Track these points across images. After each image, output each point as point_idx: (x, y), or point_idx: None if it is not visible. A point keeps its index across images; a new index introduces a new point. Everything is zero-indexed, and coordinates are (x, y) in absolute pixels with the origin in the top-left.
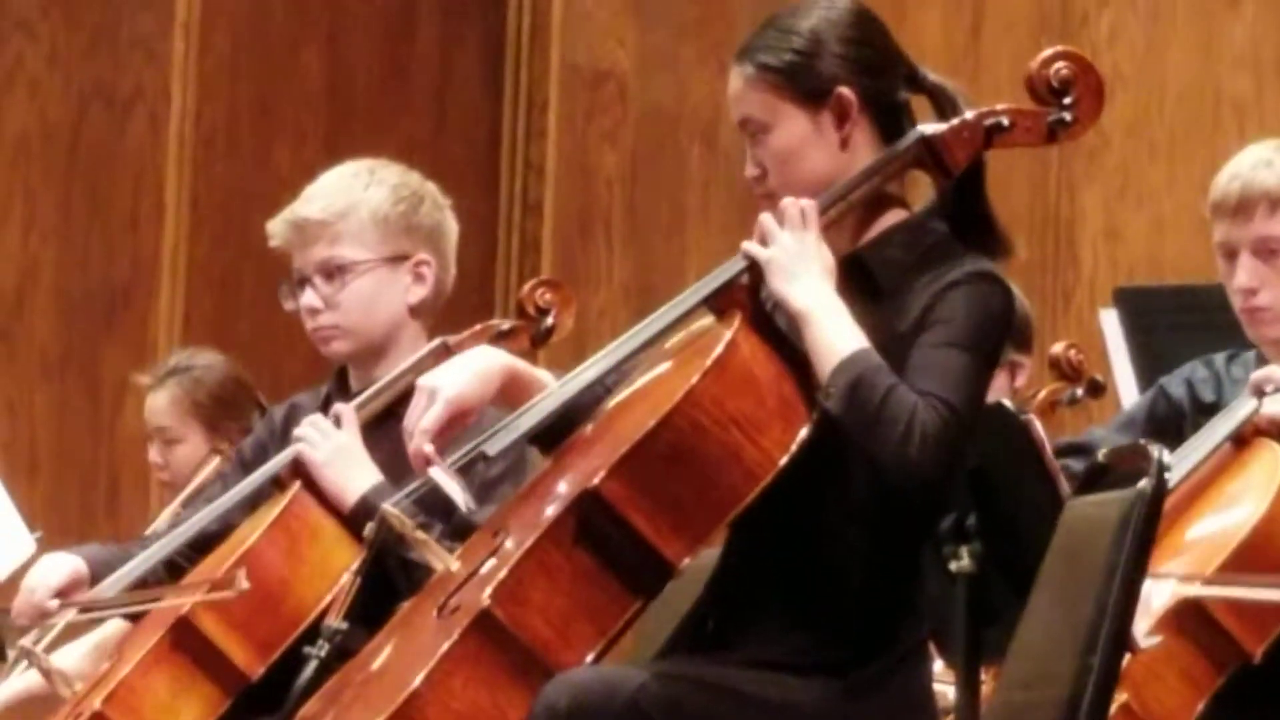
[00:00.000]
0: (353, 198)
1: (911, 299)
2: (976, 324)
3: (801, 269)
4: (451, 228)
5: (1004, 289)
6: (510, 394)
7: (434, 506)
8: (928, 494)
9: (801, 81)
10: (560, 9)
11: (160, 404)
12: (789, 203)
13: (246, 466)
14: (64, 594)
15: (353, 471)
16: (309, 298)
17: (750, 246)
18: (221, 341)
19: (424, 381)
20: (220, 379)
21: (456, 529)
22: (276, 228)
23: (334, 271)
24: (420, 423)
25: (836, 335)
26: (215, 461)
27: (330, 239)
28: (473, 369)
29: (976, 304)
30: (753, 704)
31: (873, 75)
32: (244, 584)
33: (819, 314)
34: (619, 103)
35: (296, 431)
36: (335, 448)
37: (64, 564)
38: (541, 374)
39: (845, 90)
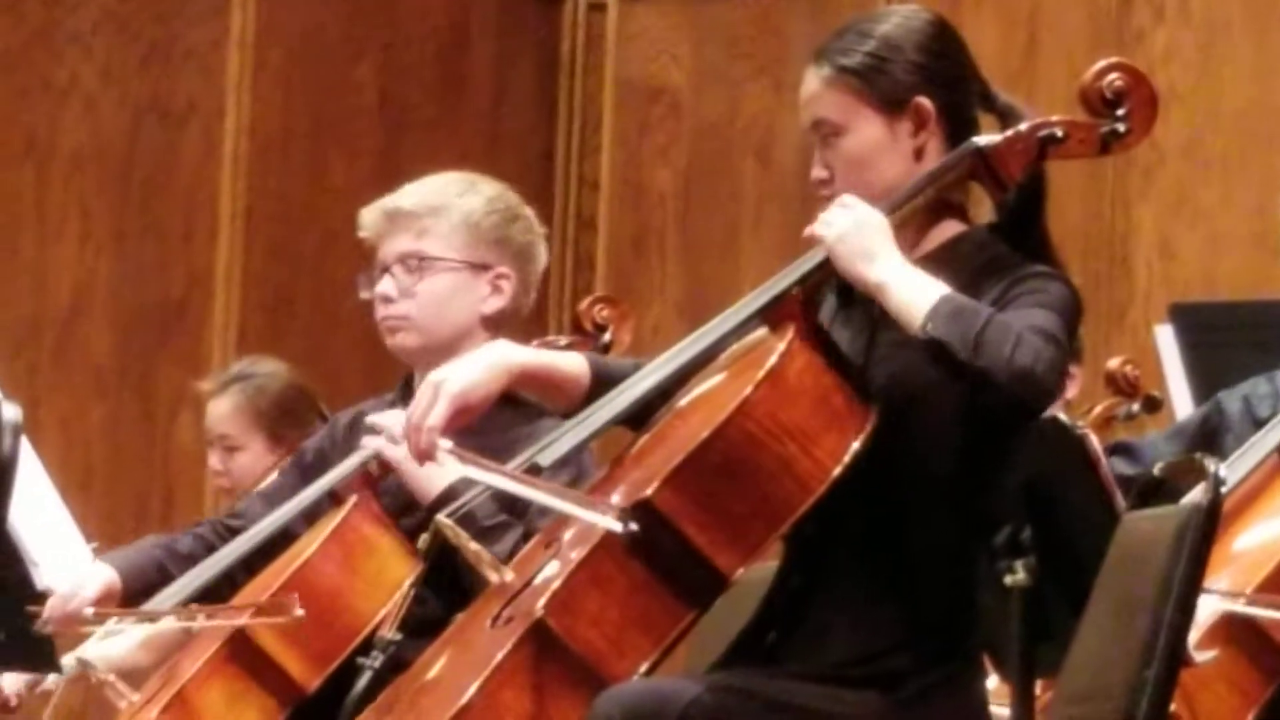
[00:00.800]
0: (448, 199)
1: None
2: (1062, 298)
3: (869, 245)
4: (540, 253)
5: (1075, 288)
6: (534, 388)
7: (511, 506)
8: (1041, 409)
9: (881, 86)
10: (615, 25)
11: (222, 411)
12: (846, 197)
13: (305, 470)
14: (99, 604)
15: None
16: (385, 285)
17: (817, 228)
18: (275, 355)
19: (432, 375)
20: (283, 387)
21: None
22: (368, 216)
23: (415, 264)
24: (426, 420)
25: (921, 290)
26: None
27: (418, 232)
28: (482, 363)
29: (1058, 286)
30: (805, 716)
31: (950, 87)
32: (298, 611)
33: (897, 279)
34: (673, 119)
35: (371, 419)
36: None
37: (99, 575)
38: (566, 361)
39: (924, 99)
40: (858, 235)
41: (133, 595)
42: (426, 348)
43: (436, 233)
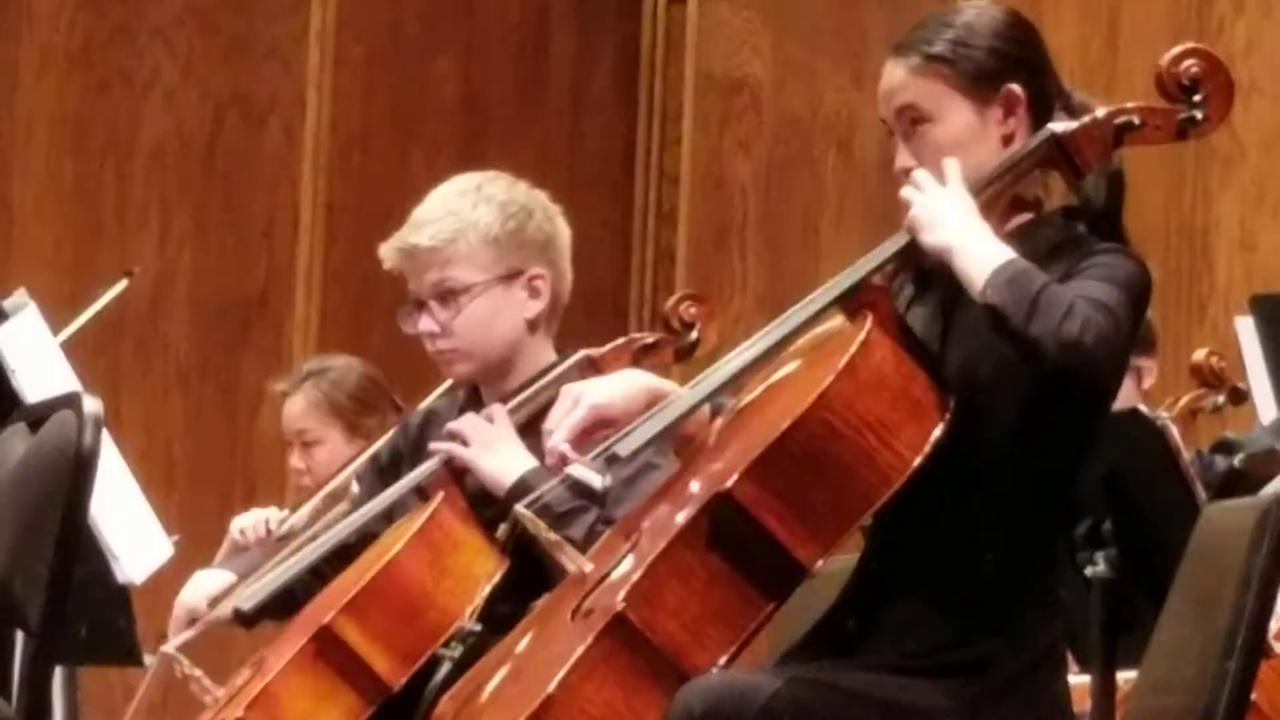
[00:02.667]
0: (462, 221)
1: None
2: (1129, 274)
3: (941, 213)
4: (564, 235)
5: (1146, 266)
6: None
7: (588, 495)
8: (1093, 382)
9: (970, 73)
10: (695, 18)
11: (299, 408)
12: (920, 171)
13: (382, 472)
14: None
15: (509, 455)
16: (426, 323)
17: (903, 192)
18: (356, 349)
19: (570, 388)
20: (358, 379)
21: (607, 519)
22: (388, 254)
23: (448, 295)
24: (562, 422)
25: (988, 255)
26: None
27: (442, 264)
28: (621, 382)
29: (1126, 262)
30: (887, 709)
31: (1036, 74)
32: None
33: (965, 243)
34: (753, 111)
35: (450, 427)
36: (490, 438)
37: (217, 578)
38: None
39: (1015, 86)
40: (934, 204)
41: None
42: (484, 370)
43: (460, 259)
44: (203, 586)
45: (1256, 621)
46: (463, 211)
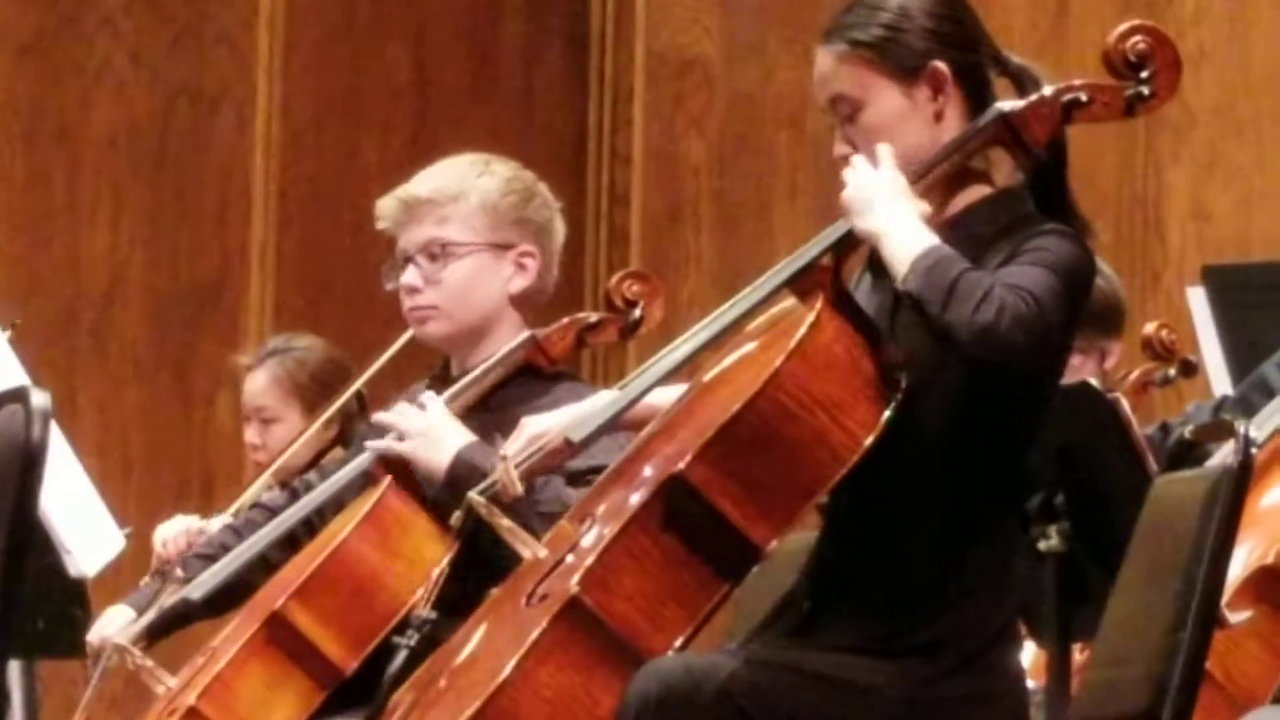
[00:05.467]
0: (465, 183)
1: (992, 264)
2: (1063, 258)
3: (871, 196)
4: (559, 228)
5: (1088, 248)
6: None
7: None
8: (1006, 368)
9: (895, 56)
10: None
11: (260, 384)
12: (858, 156)
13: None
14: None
15: (444, 440)
16: (410, 275)
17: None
18: (312, 335)
19: (525, 419)
20: (321, 360)
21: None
22: (386, 206)
23: (438, 251)
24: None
25: (911, 242)
26: (308, 434)
27: (438, 219)
28: (571, 414)
29: (1064, 246)
30: (842, 689)
31: (963, 48)
32: None
33: (892, 228)
34: (705, 90)
35: (378, 418)
36: (423, 426)
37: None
38: (666, 398)
39: (939, 64)
40: (863, 189)
41: None
42: (457, 334)
43: (457, 218)
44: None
45: (1209, 592)
46: (468, 176)
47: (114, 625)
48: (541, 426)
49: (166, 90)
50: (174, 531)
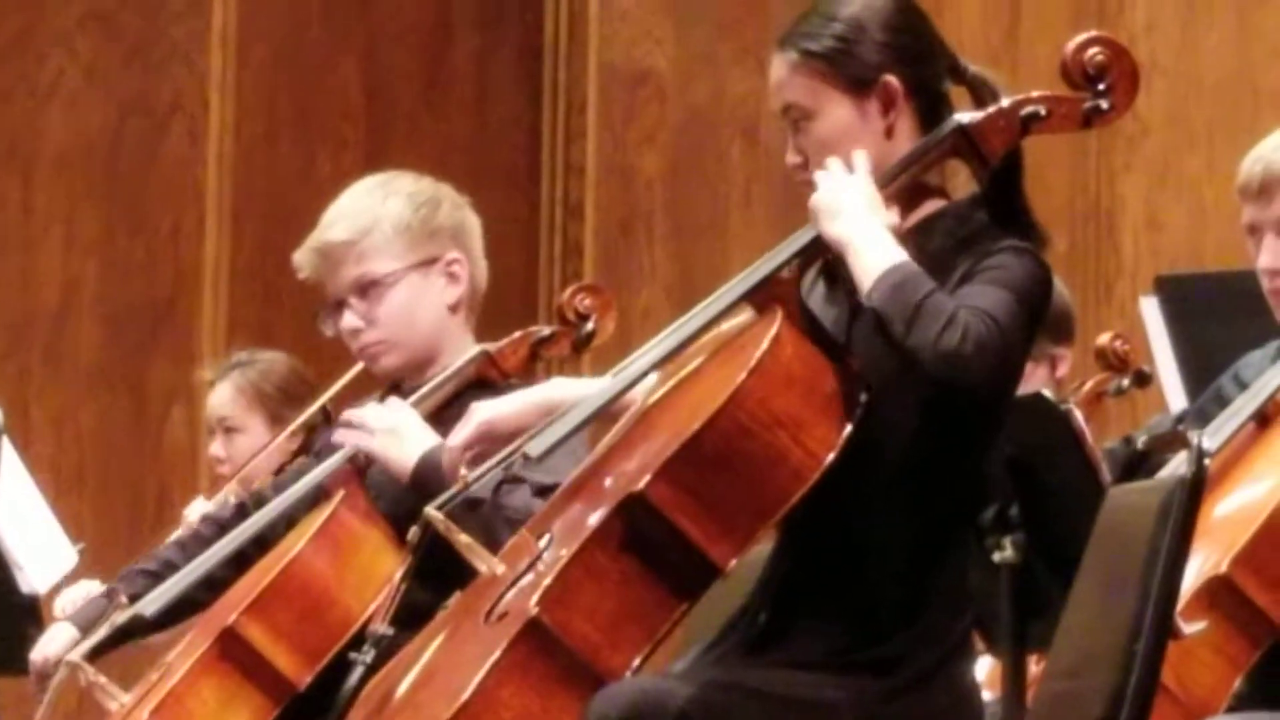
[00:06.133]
0: (373, 213)
1: (951, 280)
2: (1021, 277)
3: (841, 205)
4: (474, 223)
5: (1045, 264)
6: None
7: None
8: (973, 391)
9: (847, 68)
10: (597, 10)
11: (224, 395)
12: (833, 160)
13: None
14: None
15: (412, 439)
16: (348, 319)
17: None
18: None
19: (474, 404)
20: (285, 372)
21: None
22: (303, 258)
23: (368, 288)
24: (450, 440)
25: (879, 256)
26: (272, 445)
27: (357, 257)
28: (520, 399)
29: (1022, 264)
30: (798, 707)
31: (917, 64)
32: None
33: (860, 240)
34: (658, 102)
35: (346, 414)
36: (392, 424)
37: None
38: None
39: (891, 78)
40: (835, 194)
41: None
42: (410, 361)
43: (375, 250)
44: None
45: (1164, 602)
46: (373, 206)
47: (56, 643)
48: (491, 412)
49: (119, 106)
50: (71, 598)
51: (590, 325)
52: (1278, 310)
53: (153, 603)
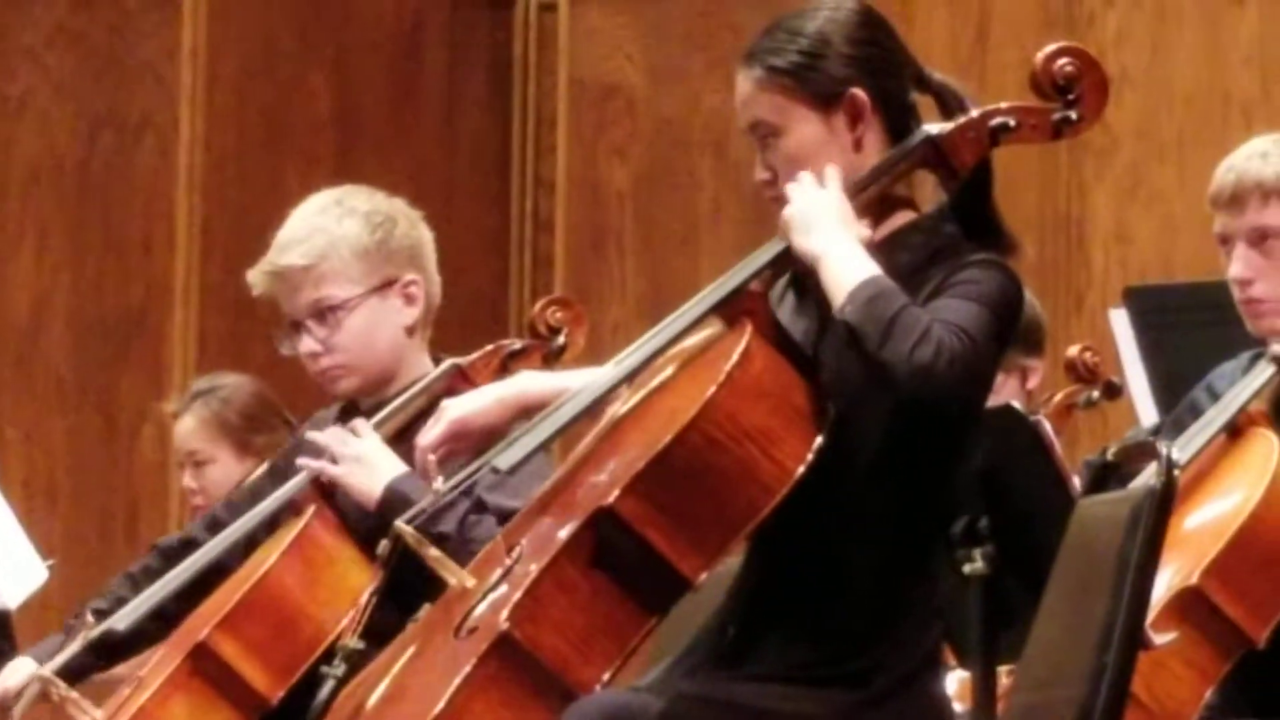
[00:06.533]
0: (330, 236)
1: (921, 294)
2: (993, 291)
3: (813, 218)
4: (427, 239)
5: (1016, 277)
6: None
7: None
8: (945, 406)
9: (813, 83)
10: (566, 25)
11: (189, 428)
12: (805, 174)
13: (276, 478)
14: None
15: (377, 466)
16: (307, 344)
17: (786, 190)
18: (236, 365)
19: (444, 401)
20: (247, 397)
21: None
22: (258, 280)
23: (325, 312)
24: (421, 440)
25: (852, 270)
26: (251, 478)
27: (315, 281)
28: (491, 395)
29: (993, 277)
30: (769, 719)
31: (883, 76)
32: None
33: (833, 254)
34: (628, 117)
35: (312, 437)
36: (357, 452)
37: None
38: (582, 379)
39: (858, 91)
40: (807, 208)
41: None
42: (370, 382)
43: (332, 274)
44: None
45: (1133, 613)
46: (329, 227)
47: (16, 675)
48: (461, 410)
49: (90, 121)
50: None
51: (562, 339)
52: (1249, 320)
53: (125, 617)
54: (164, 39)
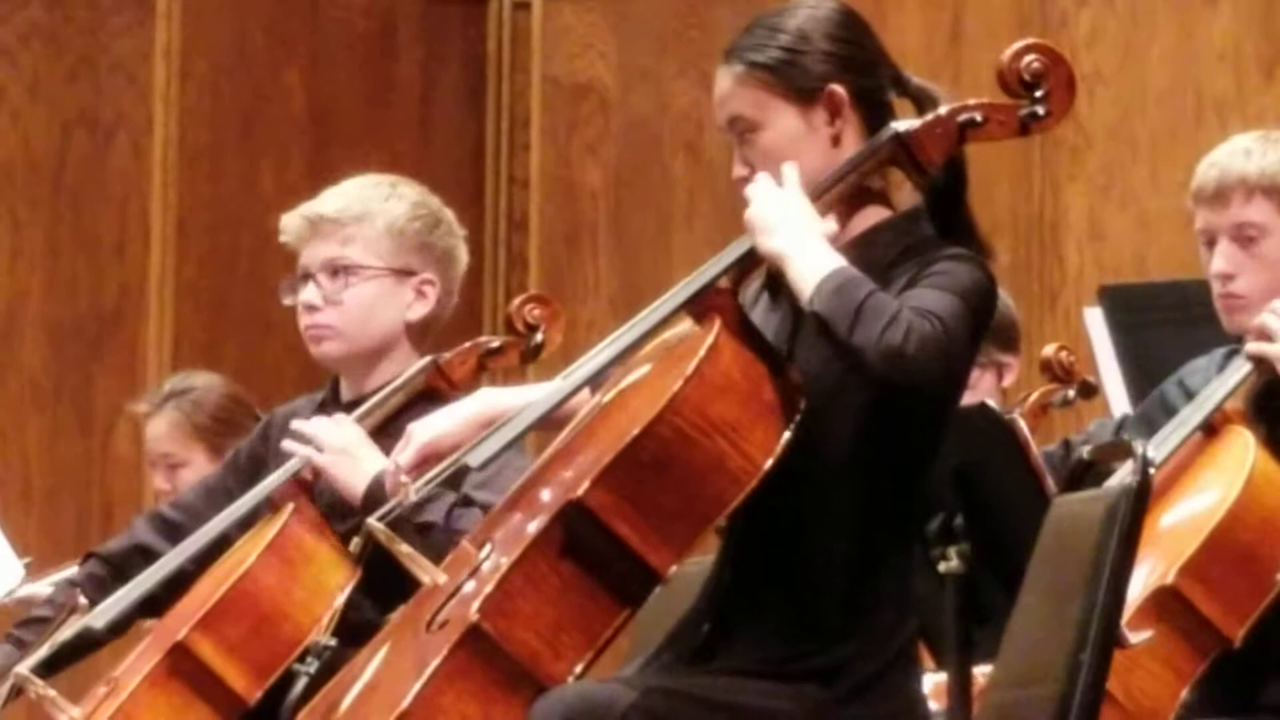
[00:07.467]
0: (371, 205)
1: (894, 289)
2: (965, 282)
3: (774, 219)
4: (462, 257)
5: (989, 271)
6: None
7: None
8: (917, 389)
9: (792, 78)
10: (539, 23)
11: (161, 430)
12: (763, 174)
13: (240, 471)
14: None
15: (362, 459)
16: (309, 293)
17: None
18: (211, 364)
19: (412, 425)
20: (218, 399)
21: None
22: (290, 222)
23: (339, 270)
24: (394, 461)
25: (816, 264)
26: None
27: (342, 239)
28: (459, 415)
29: (966, 269)
30: (740, 714)
31: (862, 73)
32: None
33: (796, 249)
34: (601, 115)
35: (296, 426)
36: (342, 443)
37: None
38: (538, 395)
39: (837, 87)
40: (767, 208)
41: None
42: (351, 355)
43: (361, 239)
44: None
45: (1109, 612)
46: (374, 198)
47: None
48: (430, 433)
49: (63, 120)
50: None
51: (539, 336)
52: (1224, 315)
53: (102, 615)
54: (137, 38)
